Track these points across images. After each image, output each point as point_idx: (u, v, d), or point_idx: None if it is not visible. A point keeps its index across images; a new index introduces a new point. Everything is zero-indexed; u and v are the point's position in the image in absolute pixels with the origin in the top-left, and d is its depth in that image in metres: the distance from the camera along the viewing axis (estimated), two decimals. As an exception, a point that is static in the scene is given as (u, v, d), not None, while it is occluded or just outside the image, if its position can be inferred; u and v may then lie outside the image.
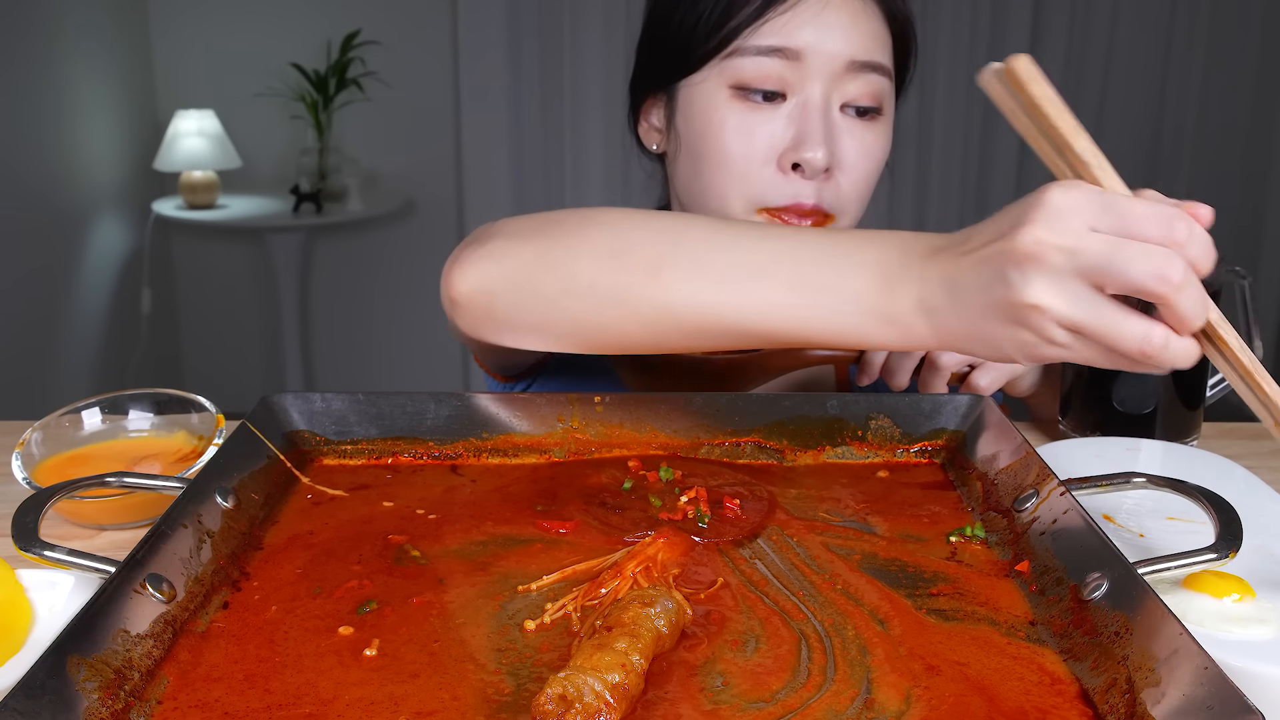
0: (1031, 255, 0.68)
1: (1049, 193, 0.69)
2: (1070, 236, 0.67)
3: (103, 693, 0.61)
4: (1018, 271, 0.69)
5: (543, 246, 0.91)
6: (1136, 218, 0.67)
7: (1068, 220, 0.68)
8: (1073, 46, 4.55)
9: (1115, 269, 0.67)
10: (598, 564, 0.79)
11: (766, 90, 1.12)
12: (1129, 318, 0.68)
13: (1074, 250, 0.67)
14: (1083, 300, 0.68)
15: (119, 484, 0.82)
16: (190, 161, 4.07)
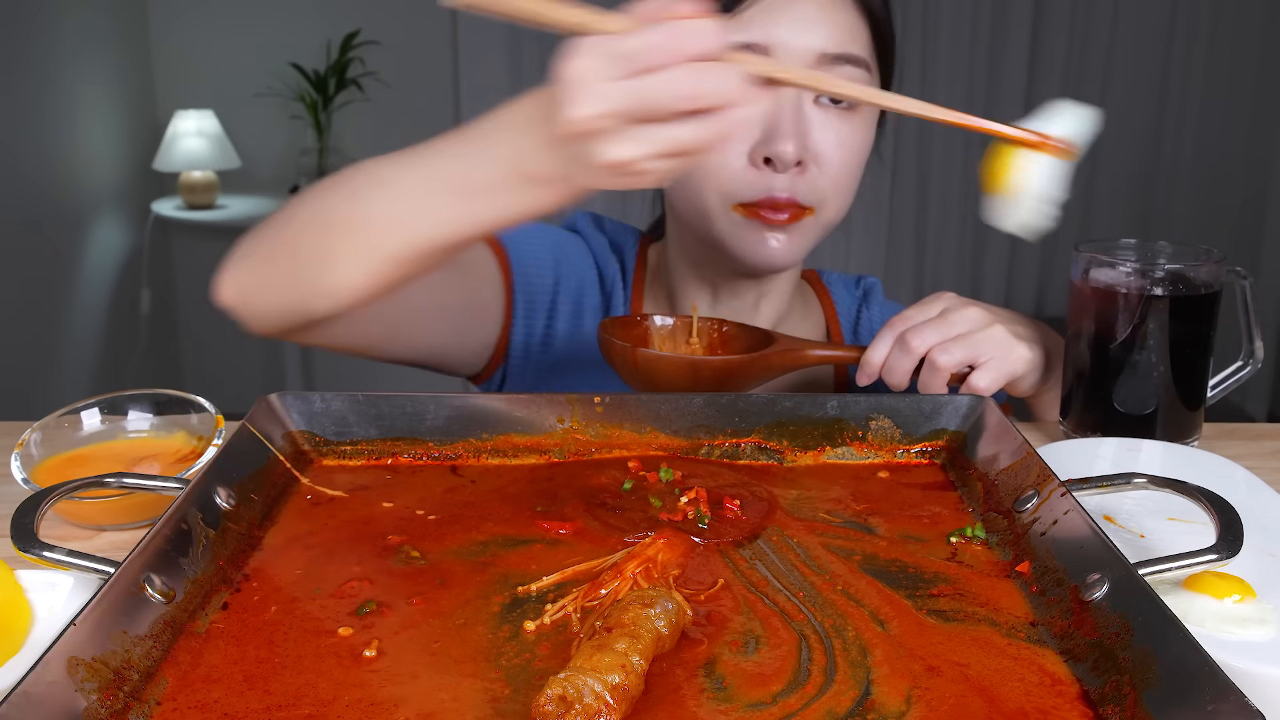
0: (583, 133, 0.72)
1: (563, 69, 0.73)
2: (600, 102, 0.71)
3: (102, 694, 0.61)
4: (586, 149, 0.73)
5: (270, 235, 0.99)
6: (640, 55, 0.71)
7: (589, 87, 0.71)
8: (1074, 47, 4.55)
9: (657, 107, 0.71)
10: (598, 565, 0.79)
11: None
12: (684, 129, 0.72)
13: (612, 113, 0.71)
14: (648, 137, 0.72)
15: (118, 485, 0.82)
16: (190, 162, 4.07)
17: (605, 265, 1.37)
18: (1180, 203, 4.73)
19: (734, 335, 1.19)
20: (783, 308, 1.34)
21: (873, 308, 1.41)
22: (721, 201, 1.16)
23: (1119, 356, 1.07)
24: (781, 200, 1.14)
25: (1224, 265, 1.07)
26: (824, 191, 1.16)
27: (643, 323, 1.19)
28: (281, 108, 4.29)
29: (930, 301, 1.12)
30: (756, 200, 1.14)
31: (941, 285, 4.75)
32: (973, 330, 1.08)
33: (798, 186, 1.14)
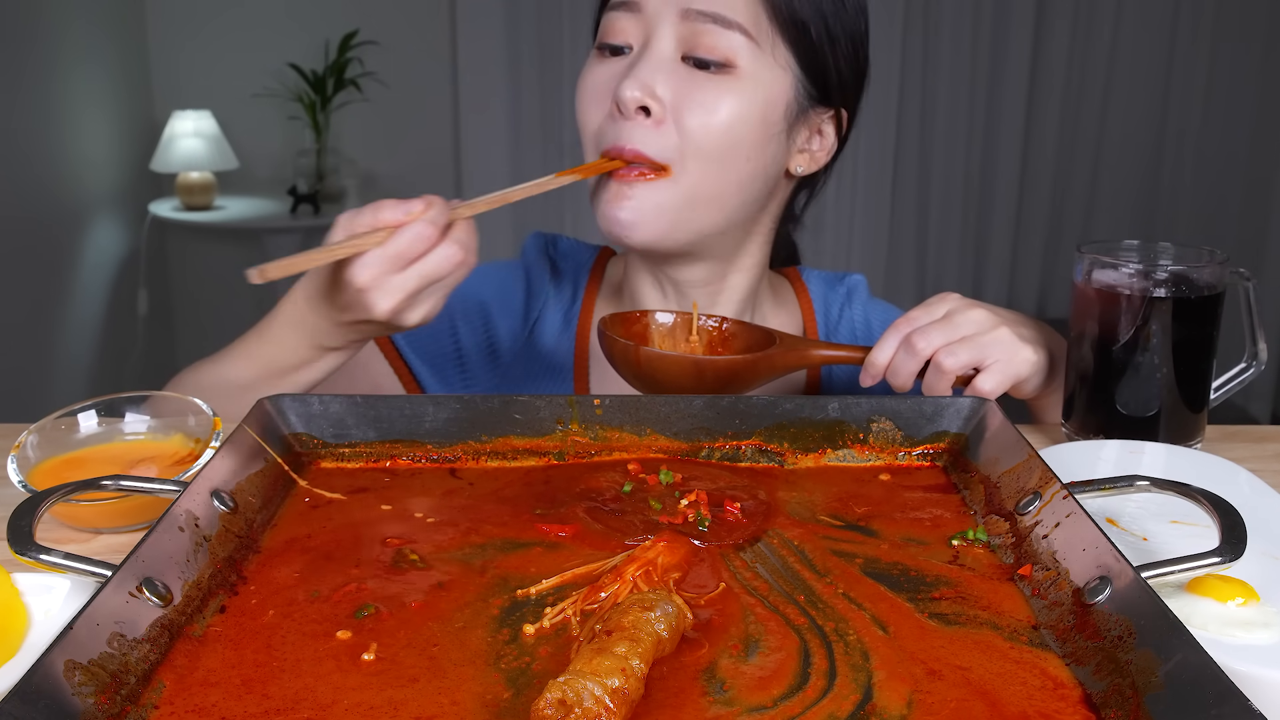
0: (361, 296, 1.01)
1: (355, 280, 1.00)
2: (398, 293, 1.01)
3: (99, 697, 0.61)
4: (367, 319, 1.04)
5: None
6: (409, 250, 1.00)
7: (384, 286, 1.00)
8: (1075, 48, 4.56)
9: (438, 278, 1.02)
10: (597, 568, 0.78)
11: (615, 44, 1.17)
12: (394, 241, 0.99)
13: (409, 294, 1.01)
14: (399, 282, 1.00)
15: (115, 487, 0.81)
16: (187, 162, 4.07)
17: (539, 286, 1.38)
18: (1183, 204, 4.74)
19: (735, 333, 1.18)
20: (741, 308, 1.32)
21: (856, 306, 1.40)
22: (595, 154, 1.19)
23: (1121, 358, 1.07)
24: (627, 151, 1.14)
25: (1227, 266, 1.06)
26: (683, 152, 1.14)
27: (642, 319, 1.19)
28: (279, 108, 4.29)
29: (935, 303, 1.11)
30: (607, 149, 1.15)
31: (943, 286, 4.76)
32: (978, 332, 1.07)
33: (648, 141, 1.13)
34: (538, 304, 1.36)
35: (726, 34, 1.13)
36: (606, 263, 1.41)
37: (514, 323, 1.36)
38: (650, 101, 1.12)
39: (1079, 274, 1.10)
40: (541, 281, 1.37)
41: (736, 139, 1.15)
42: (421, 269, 1.00)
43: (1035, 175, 4.72)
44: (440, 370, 1.34)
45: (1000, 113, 4.59)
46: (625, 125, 1.14)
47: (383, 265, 0.98)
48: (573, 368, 1.33)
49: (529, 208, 4.50)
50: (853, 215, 4.65)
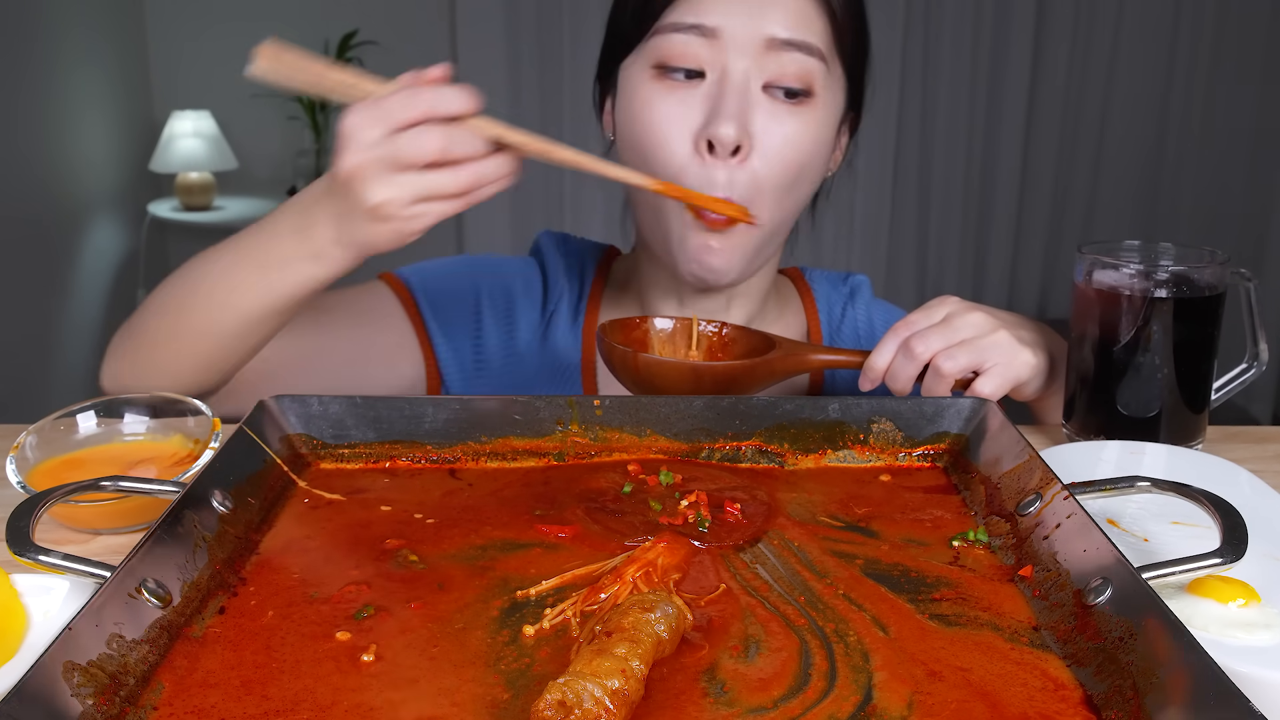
0: (352, 177, 0.91)
1: (341, 123, 0.91)
2: (364, 150, 0.90)
3: (98, 699, 0.61)
4: (354, 191, 0.91)
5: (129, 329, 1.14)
6: (391, 111, 0.90)
7: (358, 136, 0.90)
8: (1076, 47, 4.55)
9: (399, 156, 0.90)
10: (597, 569, 0.78)
11: (686, 69, 1.12)
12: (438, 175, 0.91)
13: (372, 159, 0.90)
14: (404, 182, 0.90)
15: (114, 488, 0.81)
16: (186, 163, 4.07)
17: (554, 282, 1.36)
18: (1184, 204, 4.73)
19: (734, 339, 1.18)
20: (754, 309, 1.32)
21: (859, 306, 1.40)
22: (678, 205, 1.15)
23: (1122, 359, 1.07)
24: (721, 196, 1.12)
25: (1228, 267, 1.06)
26: (761, 187, 1.13)
27: (641, 325, 1.19)
28: (279, 108, 4.29)
29: (934, 306, 1.11)
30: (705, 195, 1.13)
31: (944, 286, 4.76)
32: (977, 336, 1.07)
33: (737, 179, 1.11)
34: (553, 302, 1.35)
35: (807, 60, 1.12)
36: (612, 263, 1.40)
37: (533, 318, 1.35)
38: (744, 138, 1.10)
39: (1079, 274, 1.10)
40: (557, 279, 1.36)
41: (809, 166, 1.16)
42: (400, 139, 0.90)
43: (1036, 175, 4.72)
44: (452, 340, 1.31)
45: (1001, 113, 4.59)
46: (718, 167, 1.11)
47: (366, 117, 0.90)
48: (580, 369, 1.32)
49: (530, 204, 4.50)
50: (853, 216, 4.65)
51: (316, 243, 0.98)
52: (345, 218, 0.95)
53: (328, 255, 0.99)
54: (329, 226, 0.97)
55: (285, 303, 1.04)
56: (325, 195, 0.97)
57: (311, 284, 1.02)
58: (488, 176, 0.93)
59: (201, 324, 1.06)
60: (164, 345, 1.10)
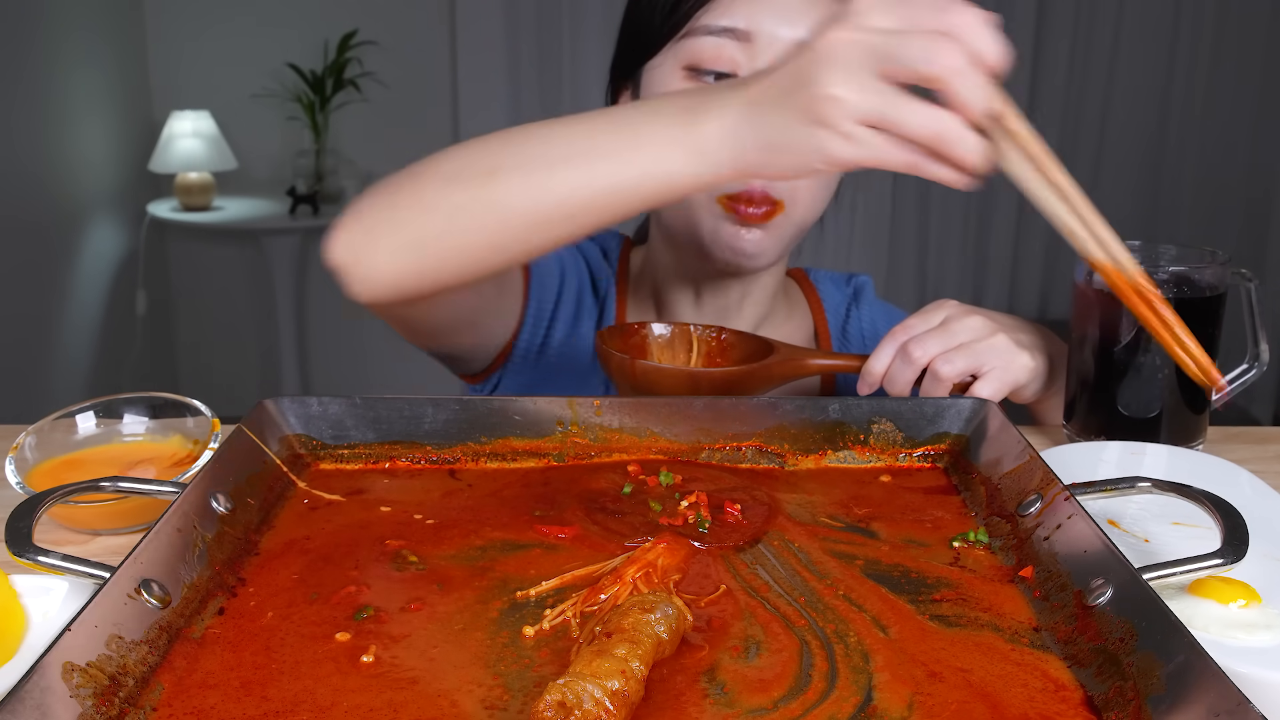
0: (827, 53, 0.73)
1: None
2: (860, 32, 0.73)
3: (97, 700, 0.61)
4: (815, 69, 0.74)
5: (393, 192, 0.94)
6: (917, 8, 0.73)
7: (865, 17, 0.73)
8: (1077, 45, 4.54)
9: (894, 55, 0.72)
10: (597, 569, 0.78)
11: (718, 72, 1.12)
12: (919, 106, 0.73)
13: (863, 43, 0.72)
14: (875, 90, 0.73)
15: (113, 489, 0.81)
16: (185, 163, 4.06)
17: (598, 270, 1.37)
18: (1185, 204, 4.73)
19: (732, 344, 1.18)
20: (766, 307, 1.33)
21: (863, 307, 1.41)
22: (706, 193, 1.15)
23: (1123, 359, 1.06)
24: (757, 194, 1.13)
25: (1229, 267, 1.06)
26: (796, 186, 1.15)
27: (640, 331, 1.19)
28: (278, 108, 4.28)
29: (932, 310, 1.11)
30: (735, 193, 1.13)
31: (944, 287, 4.75)
32: (975, 339, 1.07)
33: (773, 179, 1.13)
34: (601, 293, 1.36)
35: None
36: (630, 252, 1.40)
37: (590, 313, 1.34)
38: None
39: (1080, 275, 1.10)
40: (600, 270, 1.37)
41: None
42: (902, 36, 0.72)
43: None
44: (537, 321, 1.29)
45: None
46: None
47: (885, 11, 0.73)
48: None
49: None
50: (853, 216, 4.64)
51: (703, 131, 0.80)
52: (763, 107, 0.78)
53: (708, 153, 0.81)
54: (731, 116, 0.79)
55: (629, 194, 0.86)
56: (751, 79, 0.80)
57: (671, 181, 0.84)
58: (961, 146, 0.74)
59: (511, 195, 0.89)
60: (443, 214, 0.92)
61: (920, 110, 0.72)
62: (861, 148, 0.74)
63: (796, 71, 0.75)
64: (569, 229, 0.90)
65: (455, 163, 0.92)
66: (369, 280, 0.96)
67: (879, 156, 0.75)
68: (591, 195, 0.86)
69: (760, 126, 0.78)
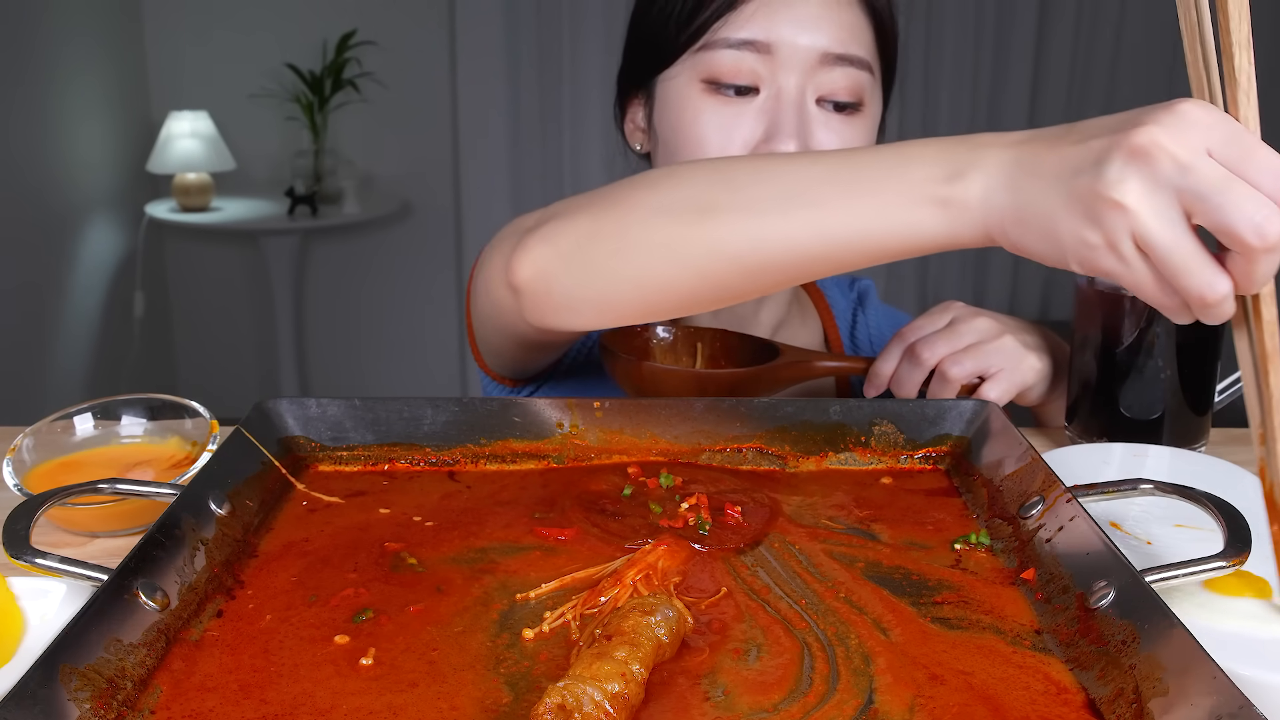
0: (1141, 152, 0.64)
1: (1183, 104, 0.65)
2: (1187, 151, 0.63)
3: (95, 702, 0.60)
4: (1119, 165, 0.65)
5: (593, 218, 0.89)
6: (1259, 161, 0.64)
7: (1191, 134, 0.64)
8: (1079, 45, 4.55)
9: (1217, 201, 0.63)
10: (597, 572, 0.78)
11: (739, 85, 1.11)
12: (1206, 260, 0.65)
13: (1186, 166, 0.63)
14: (1170, 220, 0.64)
15: (111, 491, 0.81)
16: (184, 163, 4.06)
17: None
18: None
19: (736, 346, 1.18)
20: (781, 314, 1.33)
21: (868, 312, 1.40)
22: None
23: (1125, 361, 1.06)
24: None
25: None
26: None
27: (643, 334, 1.18)
28: (277, 109, 4.28)
29: (938, 312, 1.11)
30: None
31: (945, 289, 4.75)
32: (982, 341, 1.07)
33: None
34: None
35: (859, 74, 1.11)
36: None
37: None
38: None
39: (1082, 276, 1.09)
40: None
41: None
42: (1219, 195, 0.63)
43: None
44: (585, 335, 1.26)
45: (1002, 113, 4.58)
46: None
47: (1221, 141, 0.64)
48: None
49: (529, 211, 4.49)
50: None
51: (966, 190, 0.72)
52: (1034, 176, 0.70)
53: (965, 214, 0.73)
54: (996, 175, 0.71)
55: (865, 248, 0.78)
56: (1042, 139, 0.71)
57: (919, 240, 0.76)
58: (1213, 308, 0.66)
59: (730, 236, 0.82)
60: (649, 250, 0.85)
61: (1203, 273, 0.65)
62: (1124, 267, 0.67)
63: (1091, 154, 0.67)
64: (786, 277, 0.83)
65: (665, 194, 0.86)
66: (557, 308, 0.92)
67: (1136, 284, 0.68)
68: (822, 246, 0.79)
69: (1023, 195, 0.70)
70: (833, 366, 1.14)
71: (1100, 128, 0.68)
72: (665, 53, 1.15)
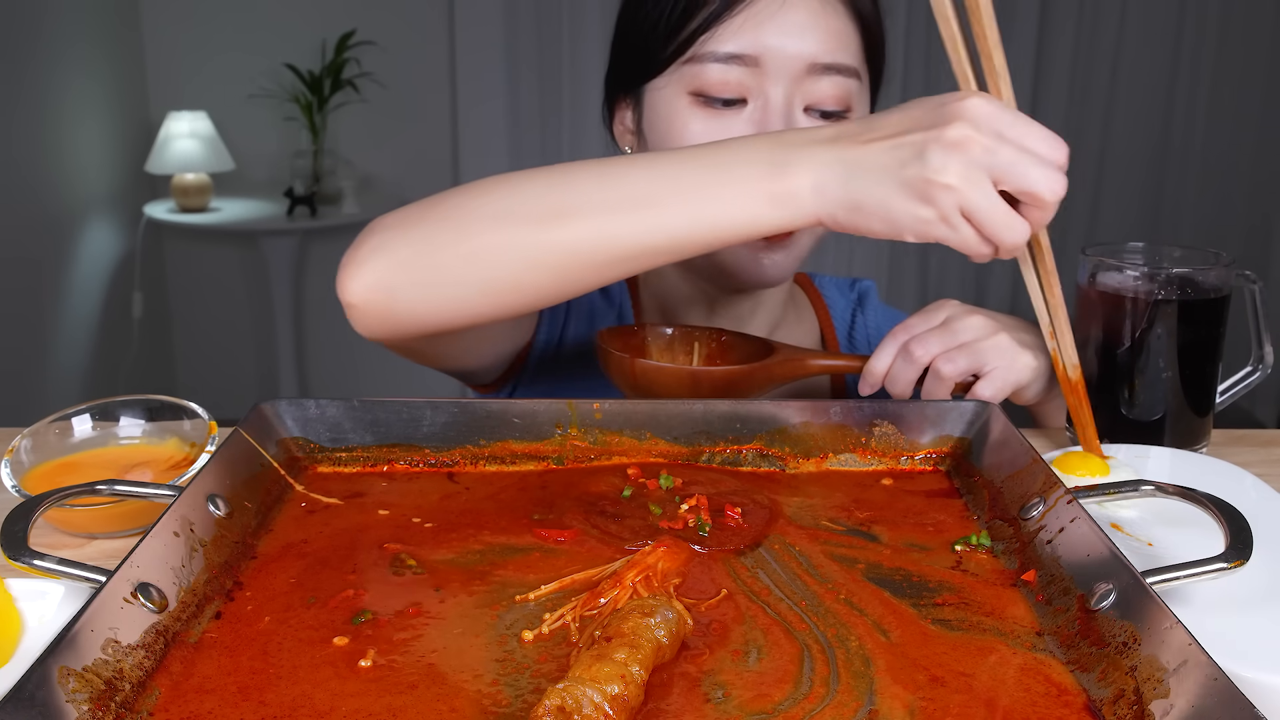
0: (958, 143, 0.81)
1: (972, 98, 0.82)
2: (990, 137, 0.81)
3: (93, 704, 0.60)
4: (941, 154, 0.81)
5: (432, 227, 0.93)
6: (1035, 136, 0.82)
7: (987, 123, 0.81)
8: (1080, 47, 4.55)
9: (1019, 172, 0.81)
10: (596, 573, 0.77)
11: (727, 98, 1.11)
12: (1013, 214, 0.83)
13: (991, 149, 0.81)
14: (985, 191, 0.81)
15: (110, 492, 0.81)
16: (182, 164, 4.06)
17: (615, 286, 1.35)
18: (1188, 205, 4.73)
19: (732, 345, 1.18)
20: (777, 315, 1.33)
21: (868, 312, 1.40)
22: None
23: (1126, 362, 1.06)
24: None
25: (1233, 269, 1.06)
26: None
27: (640, 332, 1.18)
28: (276, 109, 4.28)
29: (933, 309, 1.11)
30: None
31: (945, 288, 4.75)
32: (977, 339, 1.07)
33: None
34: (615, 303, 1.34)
35: (846, 82, 1.12)
36: None
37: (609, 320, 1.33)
38: None
39: (1083, 277, 1.09)
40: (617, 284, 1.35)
41: None
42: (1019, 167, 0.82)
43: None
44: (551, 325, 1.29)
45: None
46: None
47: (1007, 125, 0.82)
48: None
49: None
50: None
51: (793, 182, 0.84)
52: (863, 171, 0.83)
53: (795, 204, 0.85)
54: (824, 171, 0.84)
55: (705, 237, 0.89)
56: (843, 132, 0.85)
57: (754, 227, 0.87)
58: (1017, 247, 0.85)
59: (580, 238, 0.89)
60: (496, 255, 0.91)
61: (1014, 224, 0.83)
62: (955, 233, 0.83)
63: (913, 147, 0.82)
64: (635, 267, 0.92)
65: (501, 201, 0.91)
66: (400, 319, 0.96)
67: (965, 244, 0.84)
68: (669, 240, 0.89)
69: (854, 188, 0.84)
70: (827, 364, 1.14)
71: (905, 123, 0.84)
72: (653, 63, 1.15)
